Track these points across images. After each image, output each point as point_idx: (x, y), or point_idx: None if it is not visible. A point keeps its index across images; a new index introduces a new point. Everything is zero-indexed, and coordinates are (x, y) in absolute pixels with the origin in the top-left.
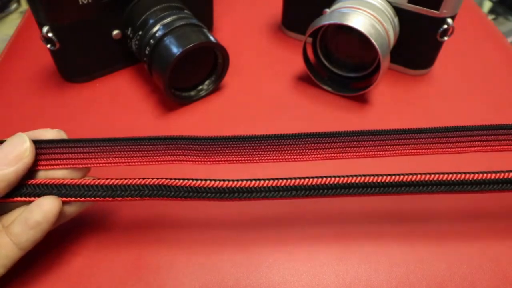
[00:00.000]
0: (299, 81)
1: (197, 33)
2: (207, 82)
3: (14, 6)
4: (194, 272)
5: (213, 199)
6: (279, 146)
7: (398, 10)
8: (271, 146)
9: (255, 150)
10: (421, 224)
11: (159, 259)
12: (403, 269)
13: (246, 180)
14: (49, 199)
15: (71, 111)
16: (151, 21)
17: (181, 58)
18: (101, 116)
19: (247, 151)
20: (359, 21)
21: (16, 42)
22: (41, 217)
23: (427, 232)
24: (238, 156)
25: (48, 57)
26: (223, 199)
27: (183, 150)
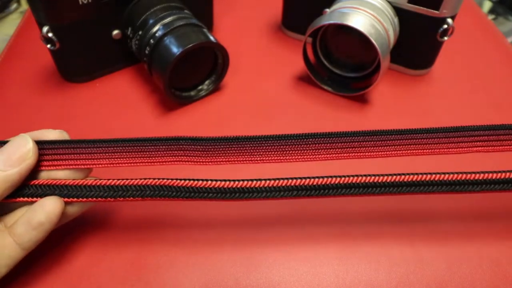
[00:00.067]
0: (299, 81)
1: (197, 33)
2: (207, 82)
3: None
4: (194, 272)
5: (214, 199)
6: (280, 147)
7: (398, 10)
8: (272, 147)
9: (256, 151)
10: (421, 224)
11: (159, 259)
12: (403, 269)
13: (247, 180)
14: (51, 199)
15: (71, 111)
16: (151, 21)
17: (181, 58)
18: (101, 116)
19: (248, 151)
20: (359, 21)
21: (16, 42)
22: (44, 218)
23: (427, 232)
24: (240, 157)
25: (48, 57)
26: (224, 199)
27: (185, 150)
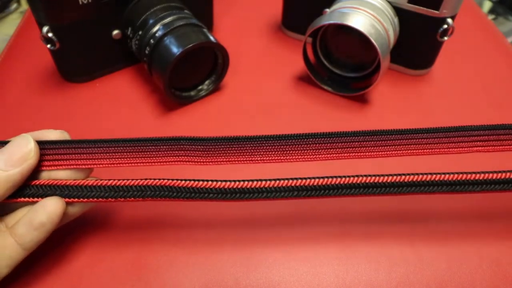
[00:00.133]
0: (299, 81)
1: (197, 33)
2: (207, 82)
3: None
4: (194, 272)
5: (215, 199)
6: (280, 147)
7: (398, 10)
8: (273, 147)
9: (256, 151)
10: (421, 224)
11: (159, 259)
12: (403, 269)
13: (248, 181)
14: (53, 200)
15: (71, 111)
16: (151, 21)
17: (181, 58)
18: (101, 116)
19: (248, 151)
20: (359, 21)
21: (16, 42)
22: (46, 218)
23: (427, 232)
24: (240, 157)
25: (48, 57)
26: (225, 200)
27: (186, 151)
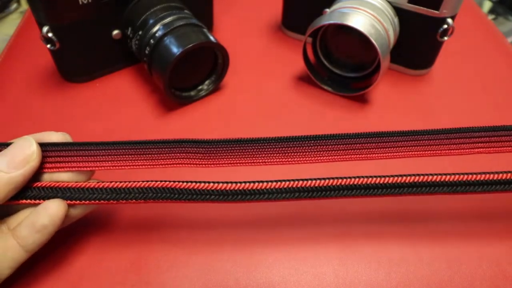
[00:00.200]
0: (299, 81)
1: (197, 33)
2: (207, 82)
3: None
4: (194, 272)
5: (216, 201)
6: (282, 149)
7: (398, 10)
8: (274, 149)
9: (258, 153)
10: (421, 224)
11: (159, 259)
12: (403, 269)
13: (249, 182)
14: (55, 202)
15: (71, 111)
16: (151, 21)
17: (181, 58)
18: (101, 116)
19: (250, 153)
20: (359, 21)
21: (16, 42)
22: (48, 221)
23: (427, 232)
24: (242, 159)
25: (48, 57)
26: (226, 201)
27: (187, 153)
